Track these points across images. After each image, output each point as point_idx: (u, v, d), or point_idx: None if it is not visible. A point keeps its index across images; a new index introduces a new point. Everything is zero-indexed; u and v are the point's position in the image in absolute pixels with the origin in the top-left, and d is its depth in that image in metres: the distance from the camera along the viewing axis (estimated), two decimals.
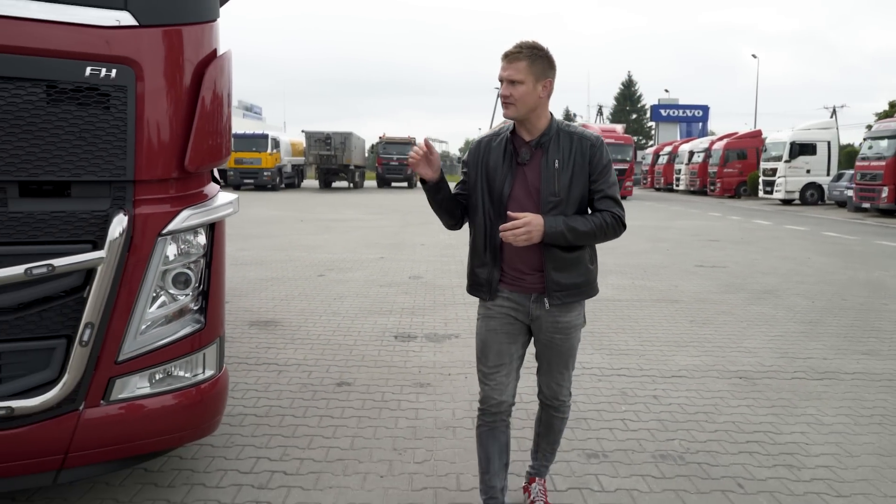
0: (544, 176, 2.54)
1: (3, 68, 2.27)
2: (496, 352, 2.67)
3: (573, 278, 2.59)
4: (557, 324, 2.63)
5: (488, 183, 2.61)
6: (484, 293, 2.66)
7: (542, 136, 2.57)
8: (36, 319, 2.45)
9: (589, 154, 2.55)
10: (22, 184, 2.39)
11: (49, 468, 2.56)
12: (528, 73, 2.48)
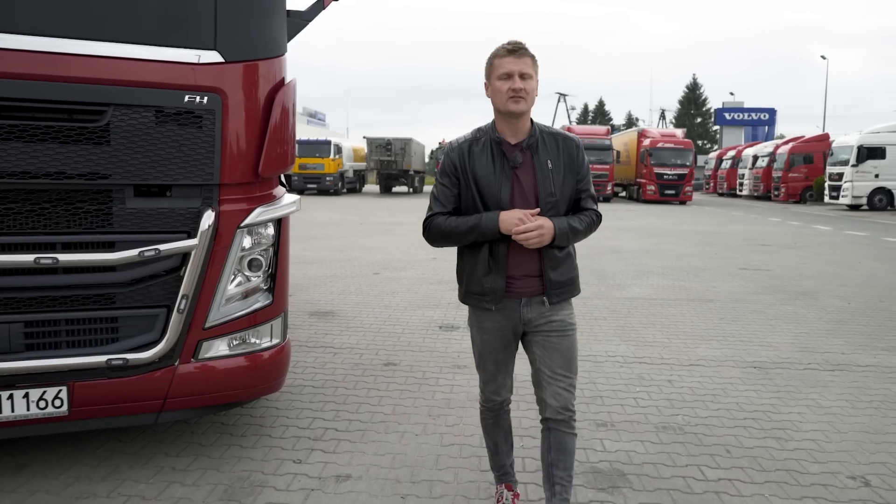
0: (540, 177, 2.57)
1: (126, 98, 2.97)
2: (493, 361, 2.76)
3: (566, 274, 2.66)
4: (552, 322, 2.65)
5: (479, 191, 2.58)
6: (488, 302, 2.64)
7: (529, 137, 2.60)
8: (145, 292, 3.16)
9: (576, 155, 2.64)
10: (136, 186, 3.09)
11: (152, 410, 3.26)
12: (533, 68, 2.55)
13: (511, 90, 2.50)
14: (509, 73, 2.51)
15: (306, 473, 3.34)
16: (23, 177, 2.88)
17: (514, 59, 2.51)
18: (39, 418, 3.03)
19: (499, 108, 2.57)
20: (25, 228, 2.95)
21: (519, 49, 2.52)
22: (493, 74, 2.55)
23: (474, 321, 2.76)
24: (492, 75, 2.57)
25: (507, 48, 2.53)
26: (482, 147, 2.61)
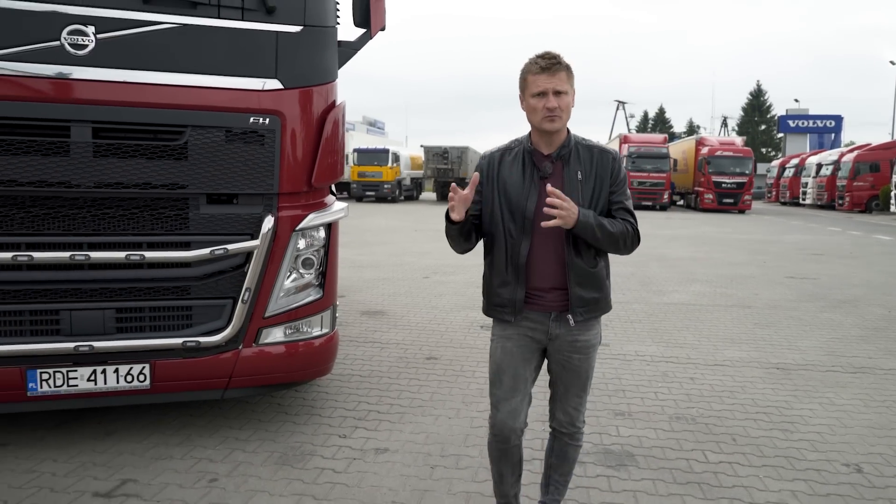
0: (568, 188, 2.50)
1: (201, 120, 3.53)
2: (511, 375, 2.63)
3: (593, 293, 2.58)
4: (576, 343, 2.60)
5: (507, 199, 2.55)
6: (507, 313, 2.59)
7: (562, 147, 2.55)
8: (214, 285, 3.70)
9: (611, 167, 2.57)
10: (208, 195, 3.64)
11: (219, 387, 3.80)
12: (568, 82, 2.49)
13: (546, 109, 2.45)
14: (543, 91, 2.45)
15: (350, 446, 3.82)
16: (117, 187, 3.46)
17: (547, 76, 2.44)
18: (126, 390, 3.60)
19: (534, 125, 2.54)
20: (118, 230, 3.53)
21: (553, 65, 2.44)
22: (527, 91, 2.50)
23: (497, 332, 2.67)
24: (525, 91, 2.51)
25: (541, 65, 2.45)
26: (514, 156, 2.59)
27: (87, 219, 3.48)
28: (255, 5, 3.58)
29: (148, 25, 3.41)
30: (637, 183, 33.06)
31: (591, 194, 2.53)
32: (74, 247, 3.45)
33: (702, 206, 33.25)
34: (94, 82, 3.35)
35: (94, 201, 3.47)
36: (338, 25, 3.97)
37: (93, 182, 3.41)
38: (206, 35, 3.53)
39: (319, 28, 3.78)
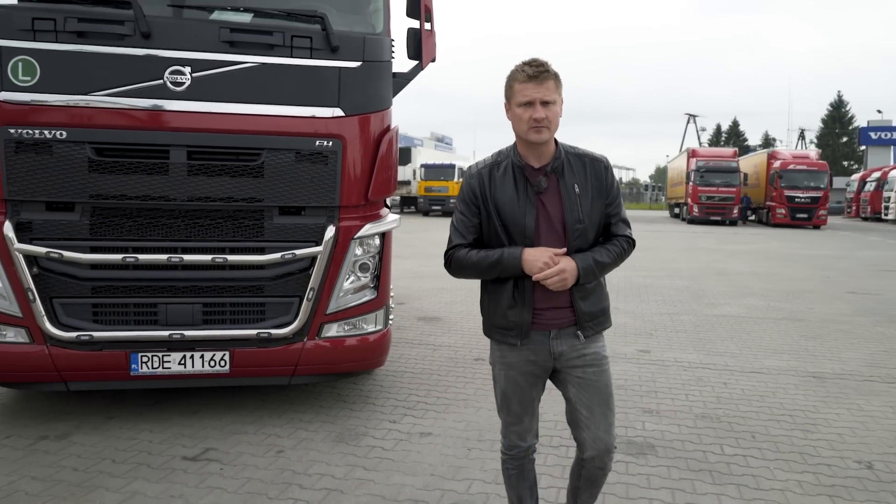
0: (567, 203, 2.43)
1: (275, 144, 4.12)
2: (519, 401, 2.59)
3: (598, 304, 2.54)
4: (586, 356, 2.51)
5: (503, 219, 2.45)
6: (514, 337, 2.50)
7: (554, 160, 2.46)
8: (284, 284, 4.28)
9: (604, 177, 2.50)
10: (280, 207, 4.23)
11: (286, 374, 4.37)
12: (556, 92, 2.39)
13: (533, 119, 2.36)
14: (530, 100, 2.35)
15: (398, 429, 4.32)
16: (206, 200, 4.09)
17: (534, 85, 2.34)
18: (209, 374, 4.21)
19: (520, 136, 2.45)
20: (206, 237, 4.16)
21: (541, 73, 2.35)
22: (513, 100, 2.41)
23: (498, 357, 2.60)
24: (511, 100, 2.42)
25: (528, 73, 2.35)
26: (504, 172, 2.47)
27: (181, 227, 4.12)
28: (321, 45, 4.17)
29: (233, 65, 4.04)
30: (705, 197, 32.63)
31: (589, 206, 2.46)
32: (171, 251, 4.10)
33: (773, 221, 32.47)
34: (189, 113, 4.00)
35: (187, 212, 4.11)
36: (392, 59, 4.52)
37: (186, 196, 4.05)
38: (280, 71, 4.13)
39: (376, 63, 4.34)
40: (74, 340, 4.03)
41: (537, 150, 2.46)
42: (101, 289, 4.10)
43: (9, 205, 3.96)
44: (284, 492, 3.43)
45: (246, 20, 4.19)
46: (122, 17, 3.92)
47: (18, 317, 4.04)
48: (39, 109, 3.90)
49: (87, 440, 4.04)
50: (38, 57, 3.87)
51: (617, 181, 2.58)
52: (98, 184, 3.98)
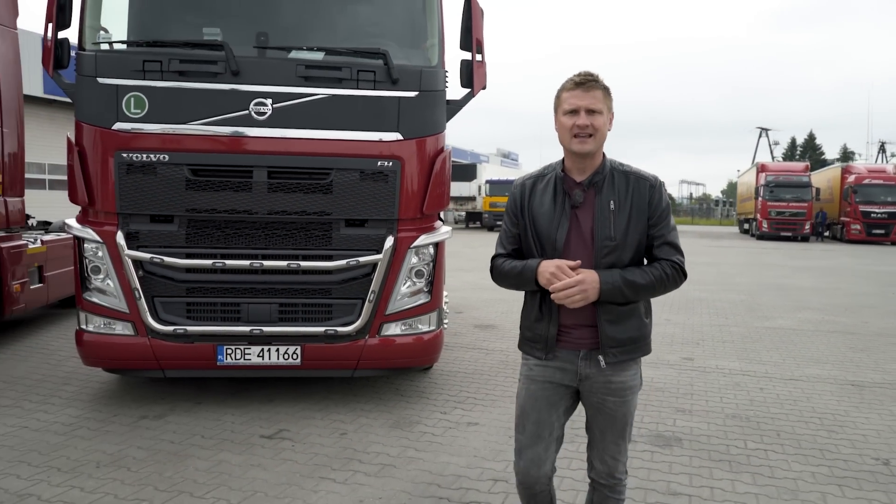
0: (598, 218, 2.35)
1: (342, 164, 4.72)
2: (534, 420, 2.48)
3: (629, 332, 2.40)
4: (610, 384, 2.42)
5: (537, 230, 2.43)
6: (539, 350, 2.46)
7: (594, 174, 2.39)
8: (349, 288, 4.86)
9: (648, 195, 2.39)
10: (346, 220, 4.82)
11: (350, 367, 4.94)
12: (604, 103, 2.34)
13: (576, 127, 2.31)
14: (575, 108, 2.32)
15: (448, 419, 4.81)
16: (283, 214, 4.72)
17: (581, 92, 2.32)
18: (283, 365, 4.81)
19: (564, 146, 2.41)
20: (282, 246, 4.78)
21: (588, 81, 2.32)
22: (560, 109, 2.38)
23: (524, 371, 2.55)
24: (558, 109, 2.39)
25: (575, 80, 2.34)
26: (546, 184, 2.46)
27: (262, 237, 4.75)
28: (383, 78, 4.75)
29: (308, 97, 4.67)
30: (775, 213, 31.96)
31: (625, 225, 2.35)
32: (252, 257, 4.74)
33: (848, 237, 31.48)
34: (270, 139, 4.65)
35: (267, 224, 4.74)
36: (446, 88, 5.06)
37: (266, 210, 4.68)
38: (347, 101, 4.74)
39: (431, 92, 4.89)
40: (171, 333, 4.71)
41: (581, 163, 2.40)
42: (194, 289, 4.77)
43: (120, 217, 4.68)
44: (346, 465, 3.97)
45: (319, 58, 4.82)
46: (215, 58, 4.61)
47: (126, 312, 4.74)
48: (147, 137, 4.61)
49: (180, 420, 4.70)
50: (146, 93, 4.59)
51: (667, 203, 2.43)
52: (193, 199, 4.65)
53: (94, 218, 4.77)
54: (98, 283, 4.76)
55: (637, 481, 3.77)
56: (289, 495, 3.56)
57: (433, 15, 5.07)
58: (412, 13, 5.20)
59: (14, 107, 7.10)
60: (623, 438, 2.50)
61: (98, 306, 4.78)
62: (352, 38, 5.11)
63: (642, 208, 2.39)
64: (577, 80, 2.34)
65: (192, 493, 3.57)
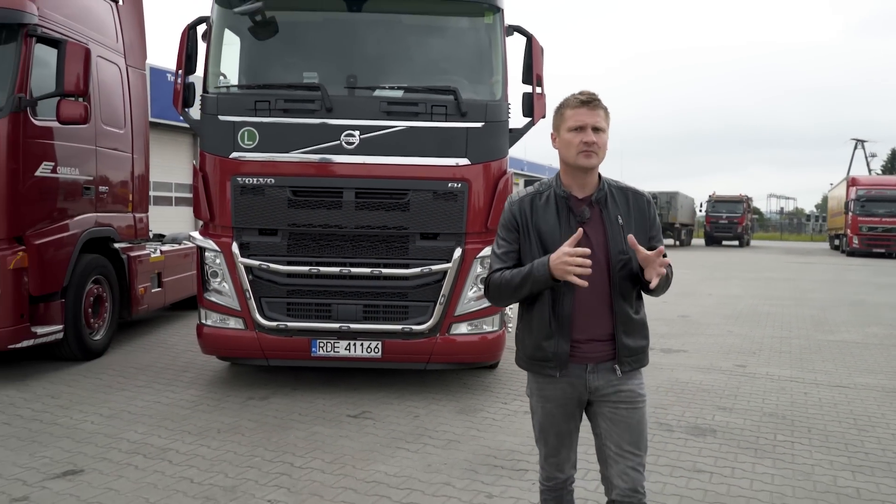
0: (611, 234, 2.45)
1: (418, 186, 5.51)
2: (556, 433, 2.58)
3: (640, 341, 2.52)
4: (620, 392, 2.49)
5: (543, 248, 2.45)
6: (551, 368, 2.48)
7: (598, 191, 2.48)
8: (423, 292, 5.63)
9: (647, 210, 2.54)
10: (421, 234, 5.60)
11: (423, 361, 5.70)
12: (606, 121, 2.46)
13: (583, 143, 2.40)
14: (582, 125, 2.41)
15: (507, 408, 5.49)
16: (367, 228, 5.54)
17: (587, 110, 2.42)
18: (366, 358, 5.62)
19: (568, 162, 2.47)
20: (367, 255, 5.60)
21: (592, 101, 2.43)
22: (563, 126, 2.46)
23: (535, 389, 2.60)
24: (561, 126, 2.47)
25: (581, 99, 2.44)
26: (546, 201, 2.51)
27: (349, 247, 5.60)
28: (454, 111, 5.52)
29: (389, 128, 5.50)
30: (867, 228, 30.87)
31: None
32: (342, 264, 5.58)
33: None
34: (357, 164, 5.49)
35: (354, 237, 5.58)
36: (509, 118, 5.79)
37: (354, 225, 5.53)
38: (423, 132, 5.53)
39: (495, 122, 5.63)
40: (274, 328, 5.60)
41: (582, 180, 2.49)
42: (293, 291, 5.65)
43: (235, 231, 5.63)
44: (417, 439, 4.72)
45: (399, 95, 5.65)
46: (313, 97, 5.50)
47: (238, 310, 5.67)
48: (257, 164, 5.55)
49: (281, 401, 5.57)
50: (257, 127, 5.53)
51: (658, 216, 2.63)
52: (294, 216, 5.55)
53: (214, 231, 5.74)
54: (216, 285, 5.72)
55: (667, 460, 4.34)
56: (370, 458, 4.33)
57: (498, 55, 5.82)
58: (480, 53, 5.96)
59: (142, 135, 8.29)
60: (640, 448, 2.50)
61: (215, 304, 5.73)
62: (427, 75, 5.92)
63: (644, 222, 2.54)
64: (583, 98, 2.45)
65: (293, 454, 4.40)
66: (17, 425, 4.90)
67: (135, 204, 8.09)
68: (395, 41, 6.00)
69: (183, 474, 4.06)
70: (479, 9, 5.81)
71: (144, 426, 4.92)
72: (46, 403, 5.43)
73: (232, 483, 3.94)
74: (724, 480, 4.05)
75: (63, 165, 6.52)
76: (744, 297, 13.74)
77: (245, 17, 5.66)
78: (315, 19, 6.07)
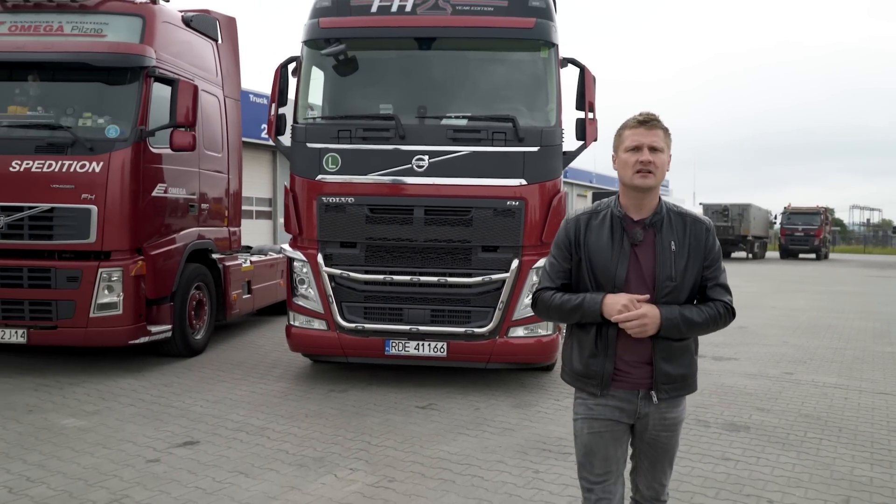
0: (660, 259, 2.44)
1: (480, 204, 6.20)
2: (603, 457, 2.54)
3: (681, 369, 2.49)
4: (665, 420, 2.52)
5: (593, 267, 2.48)
6: (594, 387, 2.50)
7: (654, 214, 2.47)
8: (483, 298, 6.30)
9: (704, 239, 2.49)
10: (482, 246, 6.28)
11: (483, 360, 6.37)
12: (664, 142, 2.45)
13: (639, 163, 2.40)
14: (638, 145, 2.42)
15: (559, 405, 6.08)
16: (435, 241, 6.27)
17: (644, 130, 2.43)
18: (433, 356, 6.32)
19: (625, 182, 2.48)
20: (434, 265, 6.32)
21: (650, 120, 2.44)
22: (621, 146, 2.48)
23: (582, 409, 2.58)
24: (619, 147, 2.49)
25: (638, 119, 2.46)
26: (601, 220, 2.52)
27: (419, 258, 6.33)
28: (512, 137, 6.19)
29: (455, 153, 6.22)
30: None
31: (684, 266, 2.46)
32: (412, 273, 6.31)
33: None
34: (426, 185, 6.23)
35: (423, 249, 6.31)
36: (562, 142, 6.41)
37: (423, 238, 6.26)
38: (484, 156, 6.23)
39: (550, 146, 6.27)
40: (353, 329, 6.38)
41: (639, 202, 2.49)
42: (370, 297, 6.42)
43: (319, 243, 6.45)
44: (477, 427, 5.38)
45: (463, 123, 6.37)
46: (387, 126, 6.29)
47: (321, 313, 6.48)
48: (339, 185, 6.36)
49: (358, 394, 6.34)
50: (339, 153, 6.35)
51: (719, 247, 2.56)
52: (370, 230, 6.33)
53: (301, 244, 6.58)
54: (303, 291, 6.56)
55: (699, 449, 4.86)
56: (435, 441, 5.02)
57: (553, 85, 6.46)
58: (536, 84, 6.62)
59: (237, 157, 9.30)
60: (671, 466, 2.64)
61: (302, 308, 6.56)
62: (489, 104, 6.62)
63: (699, 251, 2.49)
64: (641, 118, 2.47)
65: (370, 435, 5.13)
66: (140, 407, 5.83)
67: (229, 219, 9.09)
68: (460, 75, 6.73)
69: (279, 447, 4.85)
70: (536, 45, 6.47)
71: (244, 410, 5.76)
72: (161, 391, 6.37)
73: (320, 455, 4.70)
74: (747, 467, 4.55)
75: (173, 186, 7.53)
76: (808, 309, 13.81)
77: (329, 57, 6.50)
78: (390, 57, 6.87)
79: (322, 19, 6.45)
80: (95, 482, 4.18)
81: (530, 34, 6.34)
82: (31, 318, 6.67)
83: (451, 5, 6.38)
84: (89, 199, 6.61)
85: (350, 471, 4.42)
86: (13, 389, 6.26)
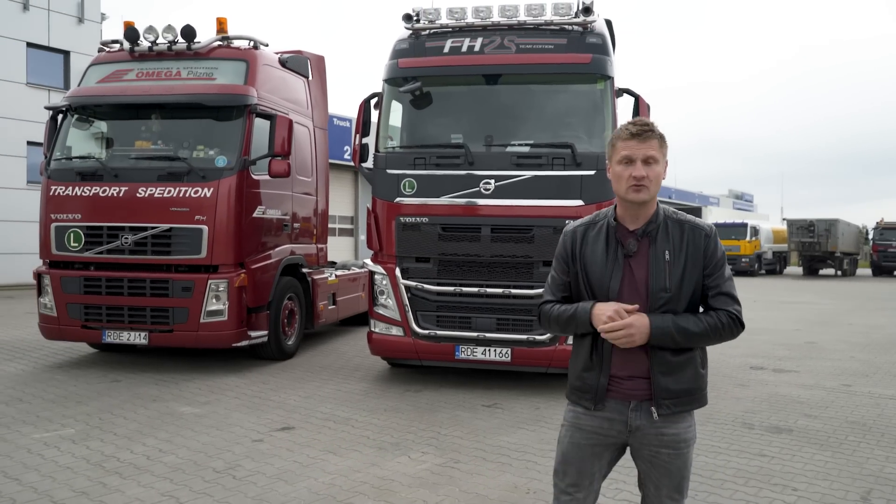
0: (653, 269, 2.37)
1: (541, 223, 6.85)
2: (577, 469, 2.49)
3: (683, 383, 2.38)
4: (663, 437, 2.40)
5: (589, 278, 2.43)
6: (588, 400, 2.44)
7: (648, 223, 2.40)
8: None
9: (703, 245, 2.40)
10: (543, 261, 6.91)
11: (544, 365, 6.98)
12: (660, 151, 2.38)
13: (632, 178, 2.34)
14: (631, 158, 2.35)
15: None
16: (500, 257, 6.95)
17: (637, 142, 2.35)
18: (498, 361, 6.99)
19: (619, 196, 2.42)
20: (500, 279, 6.99)
21: (644, 132, 2.36)
22: (614, 158, 2.41)
23: (570, 416, 2.54)
24: (612, 158, 2.43)
25: (631, 130, 2.37)
26: (598, 231, 2.47)
27: (486, 272, 7.02)
28: (570, 162, 6.82)
29: (518, 177, 6.90)
30: None
31: (680, 276, 2.39)
32: (479, 286, 7.01)
33: None
34: (493, 206, 6.94)
35: (490, 264, 7.00)
36: None
37: (489, 255, 6.96)
38: (545, 179, 6.88)
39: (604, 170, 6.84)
40: (427, 335, 7.12)
41: (635, 212, 2.42)
42: (442, 306, 7.16)
43: (397, 258, 7.25)
44: (536, 423, 6.00)
45: (526, 150, 7.05)
46: (458, 154, 7.04)
47: (398, 320, 7.26)
48: (415, 206, 7.14)
49: (431, 393, 7.06)
50: (416, 178, 7.14)
51: (722, 253, 2.44)
52: (442, 247, 7.07)
53: (381, 259, 7.39)
54: (382, 301, 7.36)
55: (738, 447, 5.31)
56: (497, 433, 5.68)
57: (608, 113, 7.06)
58: (594, 112, 7.22)
59: (324, 180, 10.28)
60: (680, 493, 2.46)
61: (382, 316, 7.36)
62: (550, 132, 7.27)
63: (697, 258, 2.40)
64: (634, 130, 2.37)
65: (440, 427, 5.84)
66: (244, 399, 6.74)
67: (317, 236, 10.06)
68: (523, 106, 7.42)
69: (362, 434, 5.62)
70: (594, 78, 7.09)
71: (331, 404, 6.58)
72: (260, 387, 7.28)
73: (396, 441, 5.44)
74: (780, 462, 4.98)
75: (270, 208, 8.52)
76: (886, 327, 13.64)
77: (407, 93, 7.32)
78: (460, 92, 7.63)
79: (401, 60, 7.30)
80: (213, 454, 5.05)
81: (587, 69, 6.98)
82: (152, 323, 7.75)
83: (515, 44, 7.10)
84: (201, 220, 7.65)
85: (421, 453, 5.13)
86: (138, 383, 7.33)
